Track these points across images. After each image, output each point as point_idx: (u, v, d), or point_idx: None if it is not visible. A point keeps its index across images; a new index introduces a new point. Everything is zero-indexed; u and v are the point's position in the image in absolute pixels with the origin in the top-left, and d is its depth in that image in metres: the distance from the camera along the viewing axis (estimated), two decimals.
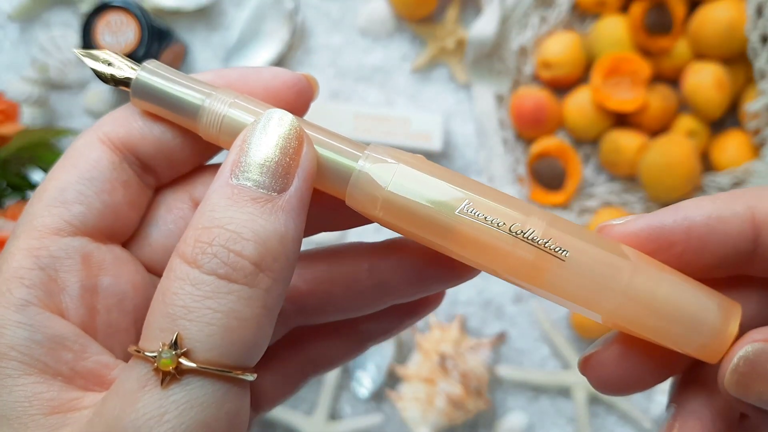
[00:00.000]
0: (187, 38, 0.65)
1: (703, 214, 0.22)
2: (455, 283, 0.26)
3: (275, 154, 0.21)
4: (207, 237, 0.20)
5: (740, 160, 0.57)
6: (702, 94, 0.57)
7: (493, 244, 0.22)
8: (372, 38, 0.65)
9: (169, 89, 0.23)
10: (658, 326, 0.22)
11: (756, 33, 0.55)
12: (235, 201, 0.20)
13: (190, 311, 0.19)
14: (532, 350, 0.62)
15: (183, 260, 0.20)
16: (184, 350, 0.19)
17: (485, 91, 0.63)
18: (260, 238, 0.20)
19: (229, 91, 0.23)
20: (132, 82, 0.23)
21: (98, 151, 0.23)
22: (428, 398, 0.58)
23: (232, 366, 0.20)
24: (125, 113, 0.24)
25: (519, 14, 0.62)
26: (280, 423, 0.61)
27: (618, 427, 0.61)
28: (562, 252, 0.22)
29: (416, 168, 0.22)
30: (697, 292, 0.22)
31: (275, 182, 0.21)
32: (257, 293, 0.20)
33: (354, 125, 0.62)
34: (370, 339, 0.29)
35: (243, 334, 0.20)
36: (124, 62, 0.23)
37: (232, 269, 0.20)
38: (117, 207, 0.23)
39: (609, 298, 0.22)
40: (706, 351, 0.22)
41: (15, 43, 0.66)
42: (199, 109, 0.23)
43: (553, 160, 0.62)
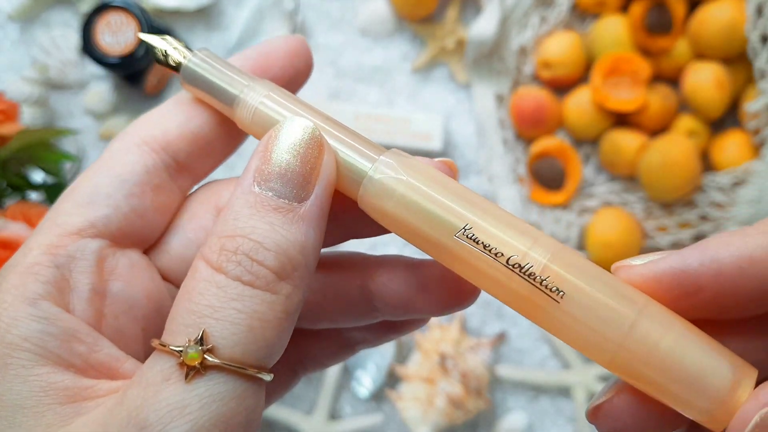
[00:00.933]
0: (187, 38, 0.65)
1: (734, 255, 0.20)
2: (441, 314, 0.25)
3: (296, 164, 0.21)
4: (231, 245, 0.21)
5: (740, 160, 0.57)
6: (702, 94, 0.57)
7: (488, 273, 0.21)
8: (372, 38, 0.65)
9: (212, 77, 0.24)
10: (658, 383, 0.20)
11: (756, 33, 0.55)
12: (258, 210, 0.21)
13: (216, 310, 0.20)
14: (532, 350, 0.62)
15: (208, 264, 0.21)
16: (209, 347, 0.20)
17: (485, 90, 0.63)
18: (281, 248, 0.21)
19: (268, 83, 0.24)
20: (182, 67, 0.24)
21: (133, 155, 0.24)
22: (428, 398, 0.58)
23: (253, 365, 0.20)
24: (160, 114, 0.25)
25: (519, 14, 0.62)
26: (280, 423, 0.61)
27: None
28: (558, 293, 0.21)
29: (426, 183, 0.22)
30: (706, 349, 0.20)
31: (296, 192, 0.21)
32: (279, 299, 0.21)
33: (354, 125, 0.62)
34: (358, 345, 0.29)
35: (265, 335, 0.20)
36: (180, 48, 0.25)
37: (255, 277, 0.20)
38: (145, 212, 0.24)
39: (605, 347, 0.20)
40: (710, 417, 0.20)
41: (15, 43, 0.66)
42: (236, 98, 0.24)
43: (553, 160, 0.62)
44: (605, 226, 0.59)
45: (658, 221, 0.60)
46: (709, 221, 0.58)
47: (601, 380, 0.60)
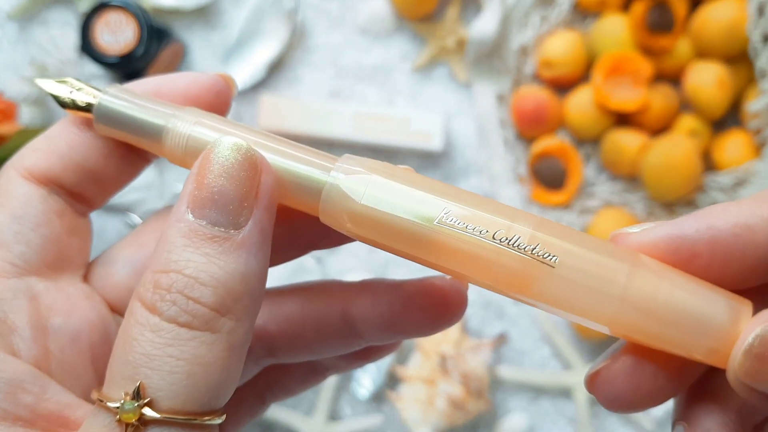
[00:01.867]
0: (186, 37, 0.65)
1: (729, 222, 0.20)
2: (428, 333, 0.25)
3: (230, 187, 0.20)
4: (165, 282, 0.19)
5: (742, 160, 0.57)
6: (703, 94, 0.57)
7: (477, 254, 0.20)
8: (372, 37, 0.65)
9: (131, 112, 0.22)
10: (662, 332, 0.21)
11: (757, 32, 0.55)
12: (192, 240, 0.19)
13: (152, 359, 0.19)
14: (533, 351, 0.62)
15: (143, 305, 0.19)
16: (147, 400, 0.18)
17: (486, 90, 0.63)
18: (219, 282, 0.19)
19: (195, 110, 0.22)
20: (94, 107, 0.23)
21: (24, 187, 0.22)
22: (428, 399, 0.58)
23: (197, 412, 0.19)
24: (43, 144, 0.23)
25: (520, 13, 0.62)
26: (280, 424, 0.61)
27: (619, 427, 0.61)
28: (551, 258, 0.20)
29: (391, 178, 0.21)
30: (702, 291, 0.21)
31: (231, 218, 0.20)
32: (220, 337, 0.19)
33: (354, 125, 0.62)
34: (328, 371, 0.28)
35: (208, 379, 0.19)
36: (86, 88, 0.23)
37: (192, 317, 0.19)
38: (57, 238, 0.23)
39: (605, 305, 0.20)
40: (716, 355, 0.21)
41: (13, 42, 0.66)
42: (163, 130, 0.22)
43: (554, 159, 0.62)
44: (606, 226, 0.59)
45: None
46: None
47: None
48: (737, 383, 0.20)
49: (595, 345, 0.62)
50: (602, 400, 0.22)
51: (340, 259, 0.63)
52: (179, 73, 0.24)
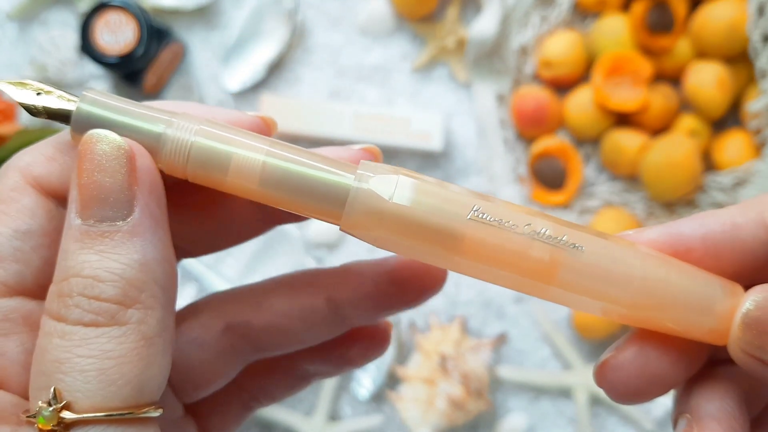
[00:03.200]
0: (186, 37, 0.65)
1: (719, 221, 0.23)
2: (415, 304, 0.25)
3: (106, 180, 0.19)
4: (66, 289, 0.19)
5: (742, 160, 0.57)
6: (703, 94, 0.57)
7: (509, 247, 0.21)
8: (372, 37, 0.65)
9: (120, 120, 0.20)
10: (673, 312, 0.22)
11: (757, 32, 0.55)
12: (84, 242, 0.19)
13: (62, 363, 0.18)
14: (533, 351, 0.62)
15: (50, 317, 0.19)
16: (63, 403, 0.18)
17: (486, 90, 0.63)
18: (117, 275, 0.19)
19: (190, 116, 0.21)
20: (73, 114, 0.20)
21: (31, 198, 0.21)
22: (429, 399, 0.58)
23: (124, 407, 0.19)
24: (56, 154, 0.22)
25: (520, 13, 0.62)
26: (280, 424, 0.61)
27: (619, 427, 0.61)
28: (577, 248, 0.22)
29: (417, 178, 0.21)
30: (701, 275, 0.23)
31: (116, 210, 0.19)
32: (129, 329, 0.19)
33: (354, 125, 0.62)
34: (312, 377, 0.28)
35: (123, 372, 0.19)
36: (58, 92, 0.21)
37: (96, 314, 0.19)
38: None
39: (628, 288, 0.22)
40: (716, 333, 0.22)
41: (13, 42, 0.66)
42: (160, 138, 0.20)
43: (554, 159, 0.62)
44: (606, 226, 0.59)
45: (659, 221, 0.59)
46: None
47: None
48: (738, 353, 0.22)
49: (595, 345, 0.62)
50: (610, 389, 0.23)
51: (341, 259, 0.63)
52: (221, 109, 0.23)
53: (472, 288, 0.62)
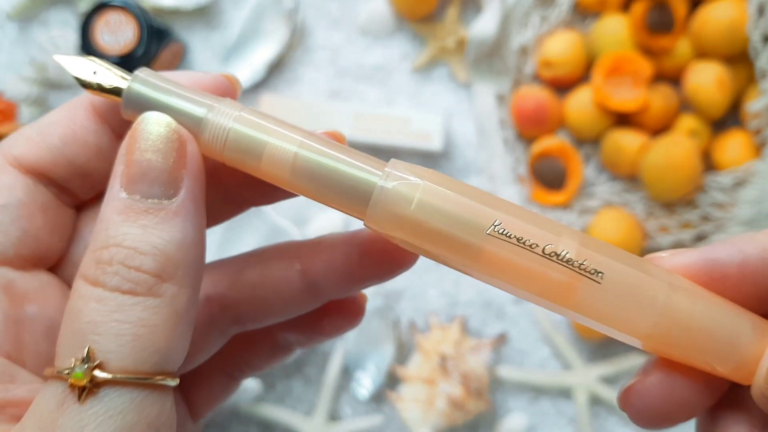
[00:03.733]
0: (186, 37, 0.65)
1: (758, 248, 0.22)
2: (386, 279, 0.25)
3: (159, 161, 0.20)
4: (106, 256, 0.20)
5: (742, 160, 0.57)
6: (703, 94, 0.57)
7: (526, 266, 0.21)
8: (372, 37, 0.65)
9: (167, 100, 0.22)
10: (692, 348, 0.22)
11: (758, 32, 0.55)
12: (128, 215, 0.20)
13: (98, 325, 0.19)
14: (533, 351, 0.62)
15: (86, 282, 0.20)
16: (97, 363, 0.19)
17: (486, 90, 0.63)
18: (158, 250, 0.20)
19: (232, 101, 0.22)
20: (124, 91, 0.22)
21: (9, 176, 0.22)
22: (428, 399, 0.58)
23: (150, 372, 0.20)
24: (35, 134, 0.23)
25: (520, 13, 0.62)
26: (280, 424, 0.61)
27: (619, 428, 0.61)
28: (597, 274, 0.21)
29: (442, 186, 0.21)
30: (731, 311, 0.22)
31: (163, 189, 0.20)
32: (164, 301, 0.20)
33: (354, 125, 0.62)
34: (292, 346, 0.28)
35: (155, 340, 0.20)
36: (113, 70, 0.22)
37: (135, 284, 0.20)
38: (37, 233, 0.23)
39: (644, 320, 0.21)
40: (741, 371, 0.22)
41: (13, 42, 0.66)
42: (201, 122, 0.21)
43: (554, 159, 0.62)
44: (606, 226, 0.59)
45: (659, 221, 0.59)
46: (710, 221, 0.58)
47: (602, 381, 0.60)
48: (762, 398, 0.21)
49: (595, 345, 0.62)
50: (634, 414, 0.23)
51: None
52: (183, 72, 0.24)
53: (472, 288, 0.62)
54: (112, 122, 0.23)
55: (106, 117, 0.23)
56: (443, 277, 0.63)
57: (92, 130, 0.23)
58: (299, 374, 0.62)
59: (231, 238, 0.60)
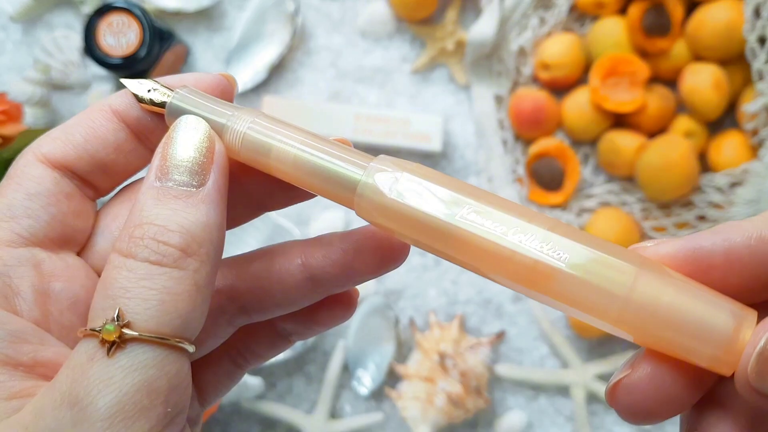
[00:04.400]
0: (189, 39, 0.66)
1: (743, 235, 0.21)
2: (380, 272, 0.27)
3: (191, 155, 0.24)
4: (138, 232, 0.23)
5: (738, 161, 0.58)
6: (700, 95, 0.57)
7: (493, 250, 0.22)
8: (372, 39, 0.65)
9: (198, 110, 0.26)
10: (664, 336, 0.21)
11: (754, 34, 0.56)
12: (160, 199, 0.23)
13: (128, 290, 0.22)
14: (532, 349, 0.63)
15: (119, 253, 0.23)
16: (126, 322, 0.21)
17: (484, 92, 0.64)
18: (184, 229, 0.23)
19: (253, 110, 0.26)
20: (167, 104, 0.26)
21: (39, 169, 0.25)
22: (428, 397, 0.58)
23: (171, 335, 0.22)
24: (61, 134, 0.26)
25: (518, 15, 0.62)
26: (281, 422, 0.61)
27: (616, 425, 0.62)
28: (561, 256, 0.22)
29: (419, 176, 0.24)
30: (707, 298, 0.21)
31: (194, 179, 0.24)
32: (187, 274, 0.22)
33: (354, 126, 0.62)
34: (292, 336, 0.30)
35: (177, 307, 0.22)
36: (161, 88, 0.26)
37: (162, 256, 0.22)
38: (63, 217, 0.26)
39: (612, 304, 0.21)
40: (718, 362, 0.21)
41: (17, 44, 0.66)
42: (223, 127, 0.25)
43: (552, 160, 0.62)
44: (604, 226, 0.59)
45: (656, 221, 0.60)
46: (707, 222, 0.59)
47: (600, 379, 0.61)
48: (746, 388, 0.20)
49: (593, 343, 0.62)
50: (622, 410, 0.23)
51: None
52: (186, 74, 0.27)
53: (471, 287, 0.63)
54: (130, 122, 0.26)
55: (124, 117, 0.26)
56: (443, 275, 0.63)
57: (111, 129, 0.26)
58: (300, 372, 0.63)
59: (236, 238, 0.60)
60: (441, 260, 0.63)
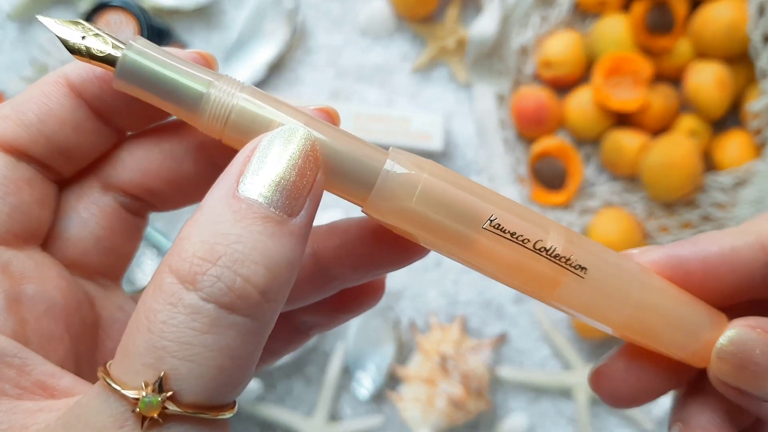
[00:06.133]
0: (187, 38, 0.65)
1: (718, 245, 0.24)
2: (399, 266, 0.25)
3: (293, 174, 0.19)
4: (209, 254, 0.17)
5: (742, 160, 0.57)
6: (703, 94, 0.57)
7: (516, 260, 0.22)
8: (372, 38, 0.65)
9: (165, 72, 0.20)
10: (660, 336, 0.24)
11: (758, 32, 0.55)
12: (243, 216, 0.18)
13: (182, 347, 0.17)
14: (533, 351, 0.62)
15: (177, 278, 0.17)
16: (170, 394, 0.17)
17: (486, 90, 0.63)
18: (271, 262, 0.18)
19: (232, 79, 0.21)
20: (119, 60, 0.20)
21: None
22: (429, 399, 0.58)
23: (216, 407, 0.18)
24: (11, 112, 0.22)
25: (520, 13, 0.62)
26: (281, 424, 0.61)
27: (619, 428, 0.61)
28: (581, 270, 0.22)
29: (442, 178, 0.22)
30: (692, 303, 0.24)
31: (289, 203, 0.19)
32: (257, 327, 0.18)
33: (354, 125, 0.62)
34: (311, 330, 0.27)
35: (236, 376, 0.18)
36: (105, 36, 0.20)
37: (237, 297, 0.17)
38: (26, 207, 0.21)
39: (623, 310, 0.23)
40: (697, 356, 0.24)
41: (14, 42, 0.66)
42: (202, 97, 0.20)
43: (554, 159, 0.62)
44: (606, 226, 0.59)
45: (659, 221, 0.59)
46: (710, 221, 0.58)
47: None
48: (715, 381, 0.23)
49: (595, 344, 0.62)
50: (603, 395, 0.25)
51: None
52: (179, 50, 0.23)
53: (472, 288, 0.63)
54: (89, 98, 0.22)
55: (82, 93, 0.22)
56: (443, 277, 0.63)
57: (68, 106, 0.22)
58: (300, 374, 0.62)
59: None
60: (442, 261, 0.63)
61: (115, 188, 0.23)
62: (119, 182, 0.23)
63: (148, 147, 0.23)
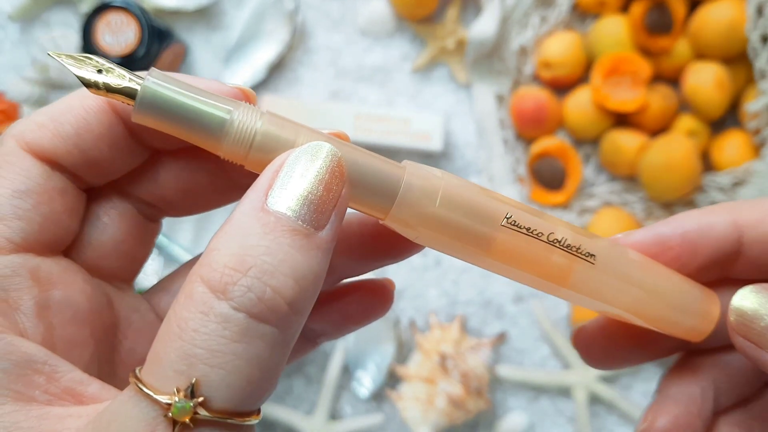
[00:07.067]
0: (187, 38, 0.65)
1: (695, 221, 0.26)
2: (397, 259, 0.26)
3: (319, 189, 0.20)
4: (240, 265, 0.18)
5: (740, 160, 0.57)
6: (702, 94, 0.57)
7: (534, 252, 0.24)
8: (372, 38, 0.65)
9: (185, 100, 0.20)
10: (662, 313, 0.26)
11: (756, 33, 0.55)
12: (272, 229, 0.18)
13: (214, 355, 0.17)
14: (533, 350, 0.62)
15: (208, 288, 0.18)
16: (201, 399, 0.18)
17: (485, 91, 0.63)
18: (300, 275, 0.18)
19: (248, 105, 0.21)
20: (139, 92, 0.20)
21: (27, 161, 0.21)
22: (429, 398, 0.58)
23: (244, 413, 0.19)
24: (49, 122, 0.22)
25: (519, 14, 0.62)
26: (281, 423, 0.61)
27: (618, 426, 0.61)
28: (591, 257, 0.24)
29: (458, 185, 0.23)
30: (687, 282, 0.26)
31: (316, 217, 0.19)
32: (286, 339, 0.18)
33: (354, 125, 0.62)
34: (319, 338, 0.28)
35: (263, 386, 0.18)
36: (118, 70, 0.21)
37: (267, 308, 0.18)
38: (57, 217, 0.22)
39: (630, 293, 0.25)
40: (694, 332, 0.26)
41: (15, 43, 0.66)
42: (225, 124, 0.20)
43: (554, 159, 0.62)
44: (606, 226, 0.59)
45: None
46: None
47: (601, 380, 0.60)
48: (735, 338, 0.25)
49: None
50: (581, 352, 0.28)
51: None
52: (201, 79, 0.23)
53: (472, 287, 0.63)
54: (127, 116, 0.22)
55: (121, 110, 0.22)
56: (443, 276, 0.63)
57: (106, 122, 0.22)
58: (300, 373, 0.62)
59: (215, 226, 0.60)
60: (442, 261, 0.63)
61: (134, 197, 0.24)
62: (138, 191, 0.24)
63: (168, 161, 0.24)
